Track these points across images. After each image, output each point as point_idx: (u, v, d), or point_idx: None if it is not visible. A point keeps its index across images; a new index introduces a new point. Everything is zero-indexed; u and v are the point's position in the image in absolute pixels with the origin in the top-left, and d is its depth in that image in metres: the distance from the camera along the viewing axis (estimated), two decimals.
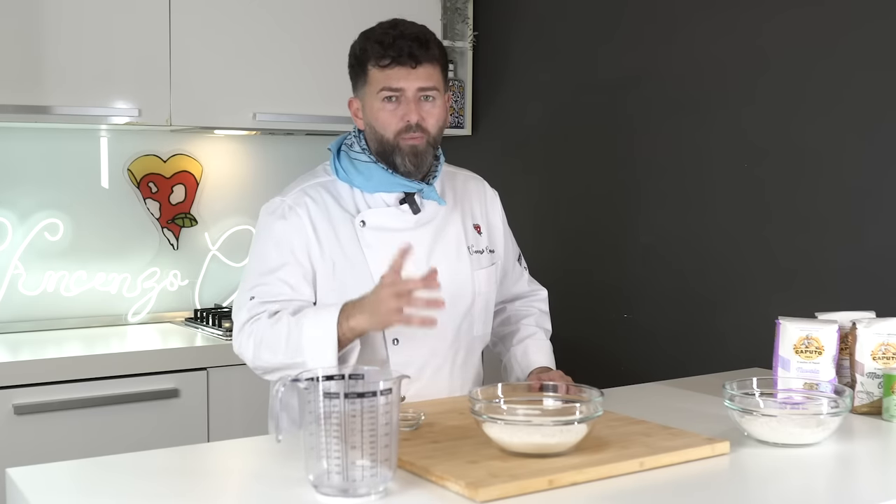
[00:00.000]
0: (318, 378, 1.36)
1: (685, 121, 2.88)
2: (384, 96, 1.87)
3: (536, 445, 1.48)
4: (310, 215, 1.91)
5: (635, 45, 3.03)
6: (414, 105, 1.87)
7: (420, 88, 1.88)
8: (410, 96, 1.87)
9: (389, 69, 1.86)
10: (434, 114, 1.90)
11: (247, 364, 1.93)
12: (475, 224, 2.06)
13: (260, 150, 3.48)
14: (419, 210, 1.95)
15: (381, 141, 1.89)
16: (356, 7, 3.26)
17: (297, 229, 1.91)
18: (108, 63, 2.88)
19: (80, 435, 2.61)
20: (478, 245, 2.03)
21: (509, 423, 1.49)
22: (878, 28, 2.39)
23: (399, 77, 1.86)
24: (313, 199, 1.93)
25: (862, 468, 1.63)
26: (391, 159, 1.90)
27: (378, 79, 1.88)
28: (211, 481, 1.51)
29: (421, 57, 1.86)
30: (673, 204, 2.92)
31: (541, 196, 3.34)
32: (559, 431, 1.47)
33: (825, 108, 2.51)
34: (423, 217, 1.96)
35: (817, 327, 1.86)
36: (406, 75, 1.86)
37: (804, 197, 2.57)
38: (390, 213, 1.94)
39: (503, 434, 1.49)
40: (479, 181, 2.14)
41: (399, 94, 1.87)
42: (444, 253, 1.96)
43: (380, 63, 1.87)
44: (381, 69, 1.87)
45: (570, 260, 3.26)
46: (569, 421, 1.48)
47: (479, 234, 2.05)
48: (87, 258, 3.18)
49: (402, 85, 1.87)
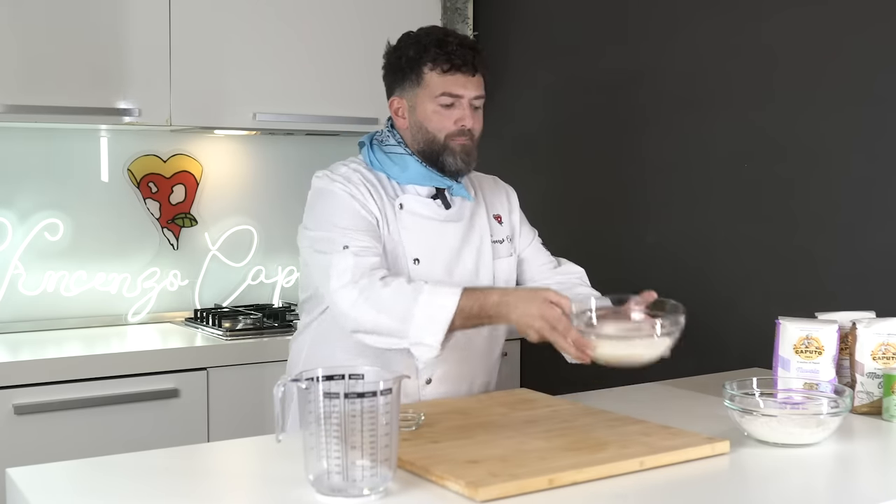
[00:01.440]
0: (318, 378, 1.36)
1: (685, 121, 2.88)
2: (444, 102, 1.96)
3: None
4: (365, 184, 1.98)
5: (636, 44, 3.03)
6: (469, 111, 1.98)
7: (476, 97, 1.99)
8: (466, 103, 1.97)
9: (450, 75, 1.96)
10: (480, 121, 2.04)
11: (344, 320, 1.88)
12: (496, 214, 2.15)
13: (260, 150, 3.48)
14: (450, 205, 2.04)
15: (432, 141, 1.98)
16: (357, 7, 3.26)
17: (360, 192, 1.97)
18: (108, 63, 2.88)
19: (80, 435, 2.61)
20: (497, 235, 2.12)
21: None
22: (884, 27, 2.39)
23: (459, 84, 1.96)
24: (362, 175, 2.00)
25: (862, 468, 1.63)
26: (440, 158, 1.98)
27: (437, 83, 1.96)
28: (211, 481, 1.52)
29: (479, 66, 1.99)
30: (672, 204, 2.92)
31: (541, 196, 3.33)
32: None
33: (827, 108, 2.51)
34: (454, 212, 2.04)
35: (817, 327, 1.87)
36: (465, 82, 1.97)
37: (804, 197, 2.57)
38: (425, 202, 2.02)
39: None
40: (495, 179, 2.25)
41: (457, 100, 1.96)
42: (470, 245, 2.05)
43: (441, 68, 1.95)
44: (442, 74, 1.96)
45: (571, 259, 3.25)
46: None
47: (500, 224, 2.14)
48: (86, 258, 3.18)
49: (462, 92, 1.97)
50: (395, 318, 1.80)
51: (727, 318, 2.76)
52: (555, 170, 3.35)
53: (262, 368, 2.87)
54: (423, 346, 1.80)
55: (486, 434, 1.63)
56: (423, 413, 1.73)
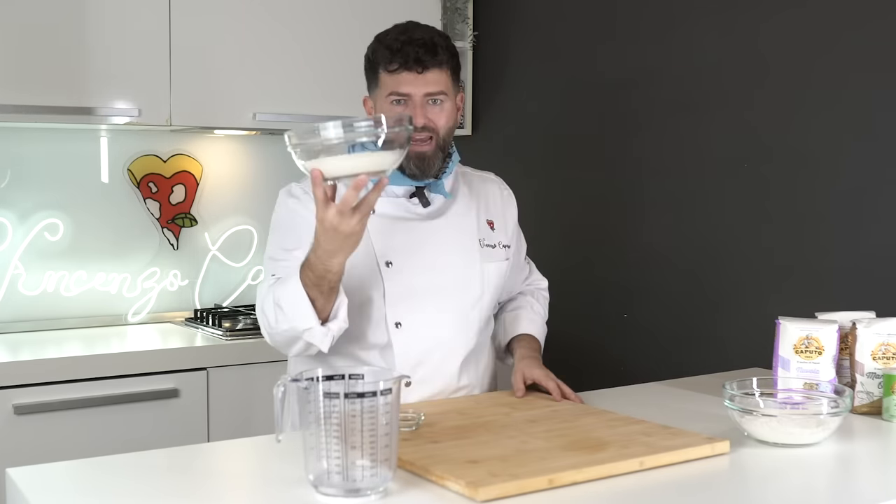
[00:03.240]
0: (318, 378, 1.36)
1: (685, 121, 2.88)
2: (392, 100, 1.92)
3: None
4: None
5: (636, 44, 3.03)
6: (420, 109, 1.91)
7: (427, 94, 1.91)
8: (417, 101, 1.91)
9: (397, 74, 1.91)
10: (442, 116, 1.94)
11: (269, 341, 1.91)
12: (489, 220, 2.10)
13: (260, 150, 3.48)
14: (428, 203, 2.00)
15: None
16: (357, 7, 3.26)
17: (311, 210, 1.91)
18: (108, 63, 2.88)
19: (80, 435, 2.61)
20: (489, 239, 2.07)
21: None
22: (877, 28, 2.39)
23: (406, 82, 1.90)
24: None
25: (862, 468, 1.63)
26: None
27: (387, 83, 1.92)
28: (211, 481, 1.51)
29: (428, 63, 1.90)
30: (673, 204, 2.92)
31: (541, 196, 3.34)
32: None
33: (824, 108, 2.51)
34: (433, 210, 2.00)
35: (817, 327, 1.87)
36: (413, 80, 1.90)
37: (804, 197, 2.57)
38: (399, 203, 1.98)
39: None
40: (498, 182, 2.20)
41: (406, 99, 1.91)
42: (454, 244, 2.00)
43: (389, 68, 1.91)
44: (390, 74, 1.91)
45: (569, 260, 3.26)
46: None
47: (492, 229, 2.09)
48: (87, 258, 3.18)
49: (409, 90, 1.91)
50: (280, 319, 1.80)
51: (727, 318, 2.76)
52: (553, 170, 3.35)
53: (262, 368, 2.87)
54: (311, 332, 1.77)
55: (486, 434, 1.63)
56: (423, 413, 1.73)
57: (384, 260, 1.93)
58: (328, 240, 1.65)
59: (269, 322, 1.84)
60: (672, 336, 2.93)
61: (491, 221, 2.10)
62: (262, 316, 1.87)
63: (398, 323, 1.93)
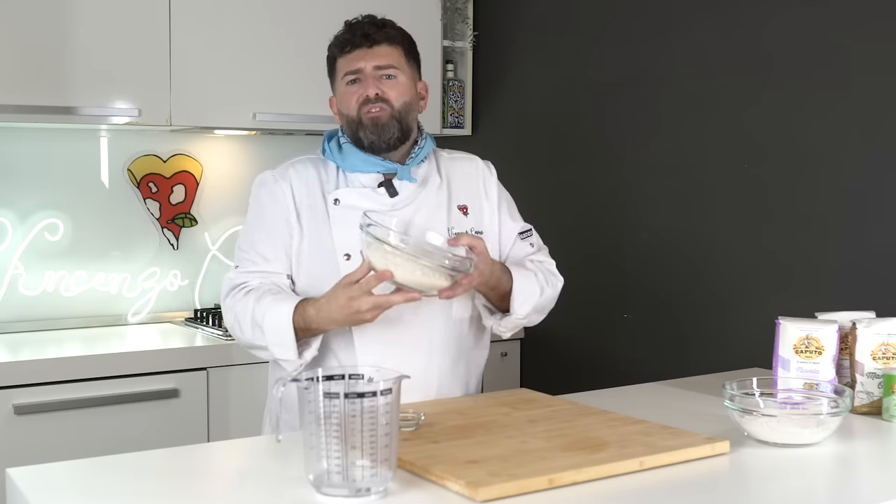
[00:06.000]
0: (318, 378, 1.36)
1: (685, 120, 2.88)
2: (348, 80, 1.97)
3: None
4: (292, 188, 1.99)
5: (636, 44, 3.03)
6: (371, 80, 1.95)
7: (377, 66, 1.96)
8: (368, 73, 1.95)
9: (349, 54, 1.98)
10: (396, 88, 1.97)
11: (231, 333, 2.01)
12: (460, 205, 2.04)
13: (260, 150, 3.48)
14: (396, 193, 1.98)
15: (350, 122, 1.98)
16: (357, 7, 3.25)
17: (278, 200, 1.99)
18: (108, 63, 2.88)
19: (80, 435, 2.61)
20: (459, 227, 2.00)
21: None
22: (881, 28, 2.39)
23: (357, 58, 1.97)
24: (297, 173, 2.02)
25: (862, 468, 1.63)
26: (358, 136, 1.97)
27: (341, 66, 1.99)
28: (211, 481, 1.52)
29: (375, 36, 1.97)
30: (673, 204, 2.92)
31: (540, 196, 3.34)
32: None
33: (825, 109, 2.52)
34: (401, 200, 1.98)
35: (817, 327, 1.86)
36: (363, 55, 1.96)
37: (804, 197, 2.57)
38: (364, 193, 1.98)
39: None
40: (471, 160, 2.13)
41: (359, 75, 1.96)
42: (420, 234, 1.93)
43: (342, 51, 1.98)
44: (344, 56, 1.98)
45: (569, 260, 3.24)
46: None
47: (464, 215, 2.04)
48: (86, 258, 3.18)
49: (360, 65, 1.96)
50: (256, 336, 1.87)
51: (727, 318, 2.76)
52: (553, 169, 3.35)
53: (262, 368, 2.86)
54: (284, 361, 1.87)
55: (486, 434, 1.63)
56: (423, 413, 1.73)
57: (343, 252, 1.93)
58: (338, 309, 1.77)
59: (244, 334, 1.91)
60: (672, 336, 2.93)
61: (464, 207, 2.04)
62: (234, 323, 1.93)
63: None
